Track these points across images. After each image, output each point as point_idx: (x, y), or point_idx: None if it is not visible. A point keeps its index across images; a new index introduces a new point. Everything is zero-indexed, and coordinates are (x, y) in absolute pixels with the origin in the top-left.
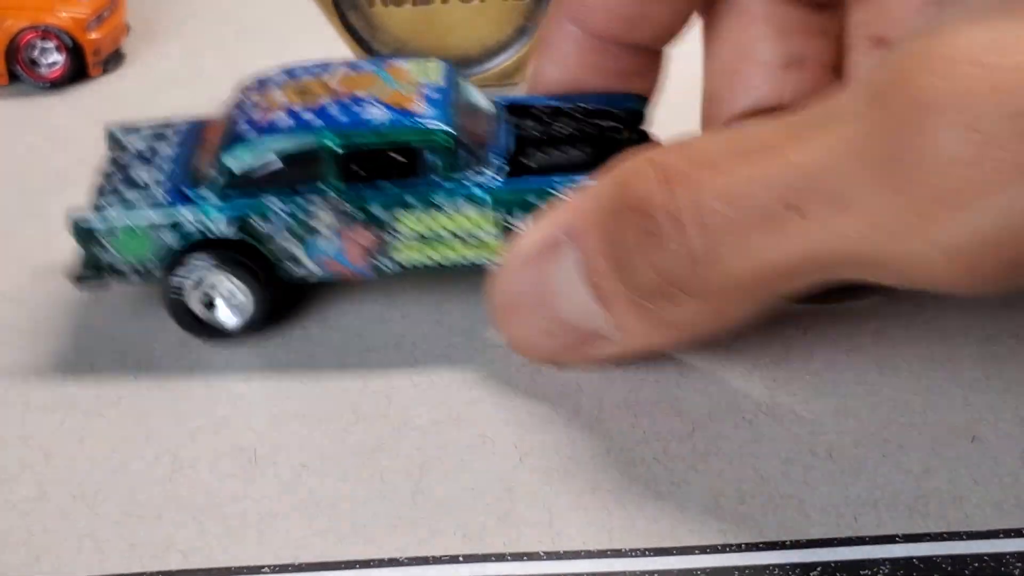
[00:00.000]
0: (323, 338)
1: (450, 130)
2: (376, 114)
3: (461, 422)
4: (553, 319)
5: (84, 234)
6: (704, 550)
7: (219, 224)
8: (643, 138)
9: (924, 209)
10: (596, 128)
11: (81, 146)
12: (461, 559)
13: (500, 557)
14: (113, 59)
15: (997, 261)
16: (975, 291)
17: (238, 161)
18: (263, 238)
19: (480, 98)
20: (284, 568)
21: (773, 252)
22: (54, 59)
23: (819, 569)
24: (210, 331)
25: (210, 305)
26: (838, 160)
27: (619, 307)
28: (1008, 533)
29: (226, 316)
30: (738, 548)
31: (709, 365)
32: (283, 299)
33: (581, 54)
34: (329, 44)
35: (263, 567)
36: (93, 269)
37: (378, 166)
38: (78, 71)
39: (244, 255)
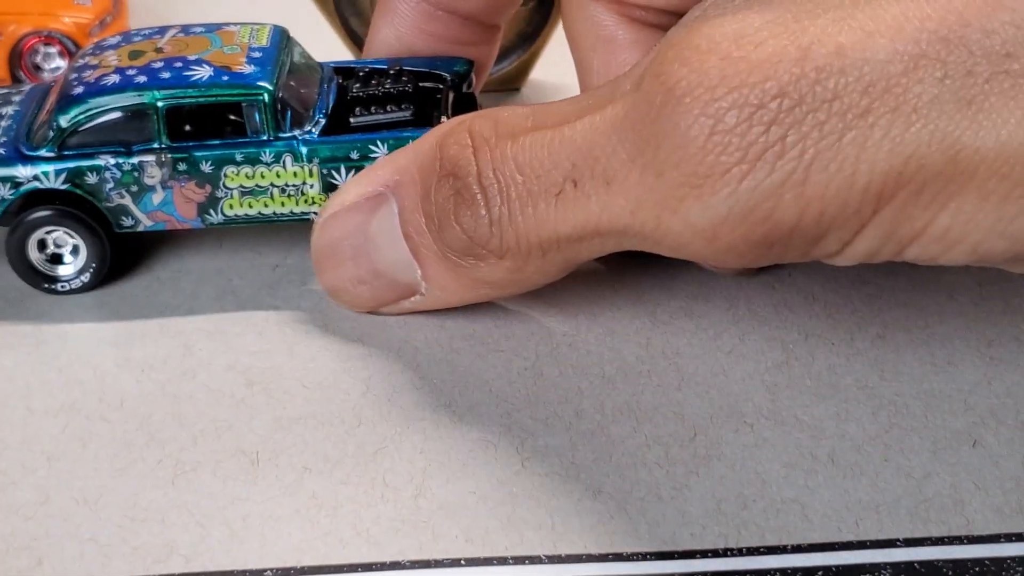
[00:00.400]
0: (326, 340)
1: (268, 87)
2: (199, 73)
3: (463, 426)
4: (370, 269)
5: None
6: (706, 554)
7: (53, 180)
8: (468, 100)
9: (674, 191)
10: (420, 89)
11: None
12: (463, 562)
13: (502, 560)
14: None
15: (741, 239)
16: (732, 264)
17: (69, 119)
18: (96, 193)
19: (307, 60)
20: (287, 572)
21: (557, 221)
22: (57, 64)
23: (820, 573)
24: (50, 282)
25: (53, 259)
26: (603, 138)
27: (430, 262)
28: (1009, 537)
29: (64, 268)
30: (740, 552)
31: (710, 370)
32: (123, 251)
33: (417, 20)
34: (331, 50)
35: (265, 571)
36: None
37: (205, 124)
38: None
39: (78, 208)
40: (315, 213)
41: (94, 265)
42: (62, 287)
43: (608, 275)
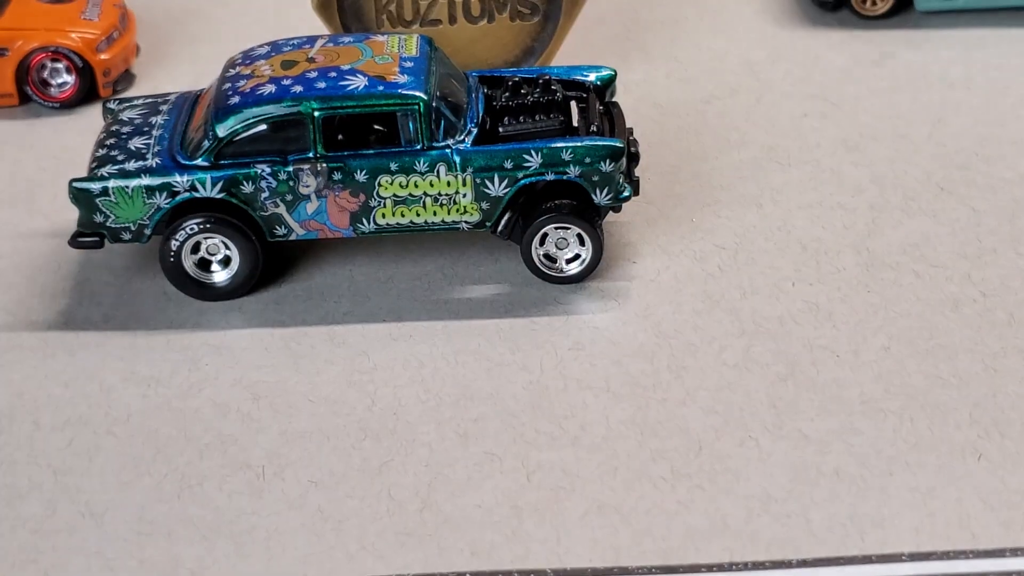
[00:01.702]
0: (332, 354)
1: (423, 96)
2: (355, 83)
3: (468, 439)
4: None
5: (82, 197)
6: (711, 568)
7: (209, 188)
8: (612, 108)
9: None
10: (567, 97)
11: None
12: None
13: (508, 574)
14: (123, 80)
15: None
16: None
17: (227, 129)
18: (251, 202)
19: (453, 70)
20: None
21: None
22: (64, 80)
23: None
24: (203, 289)
25: (203, 265)
26: None
27: None
28: (1015, 552)
29: (218, 275)
30: (744, 566)
31: (715, 383)
32: (271, 259)
33: None
34: None
35: None
36: (88, 230)
37: (360, 133)
38: (88, 92)
39: (233, 216)
40: (466, 223)
41: (248, 269)
42: (216, 295)
43: (612, 287)
